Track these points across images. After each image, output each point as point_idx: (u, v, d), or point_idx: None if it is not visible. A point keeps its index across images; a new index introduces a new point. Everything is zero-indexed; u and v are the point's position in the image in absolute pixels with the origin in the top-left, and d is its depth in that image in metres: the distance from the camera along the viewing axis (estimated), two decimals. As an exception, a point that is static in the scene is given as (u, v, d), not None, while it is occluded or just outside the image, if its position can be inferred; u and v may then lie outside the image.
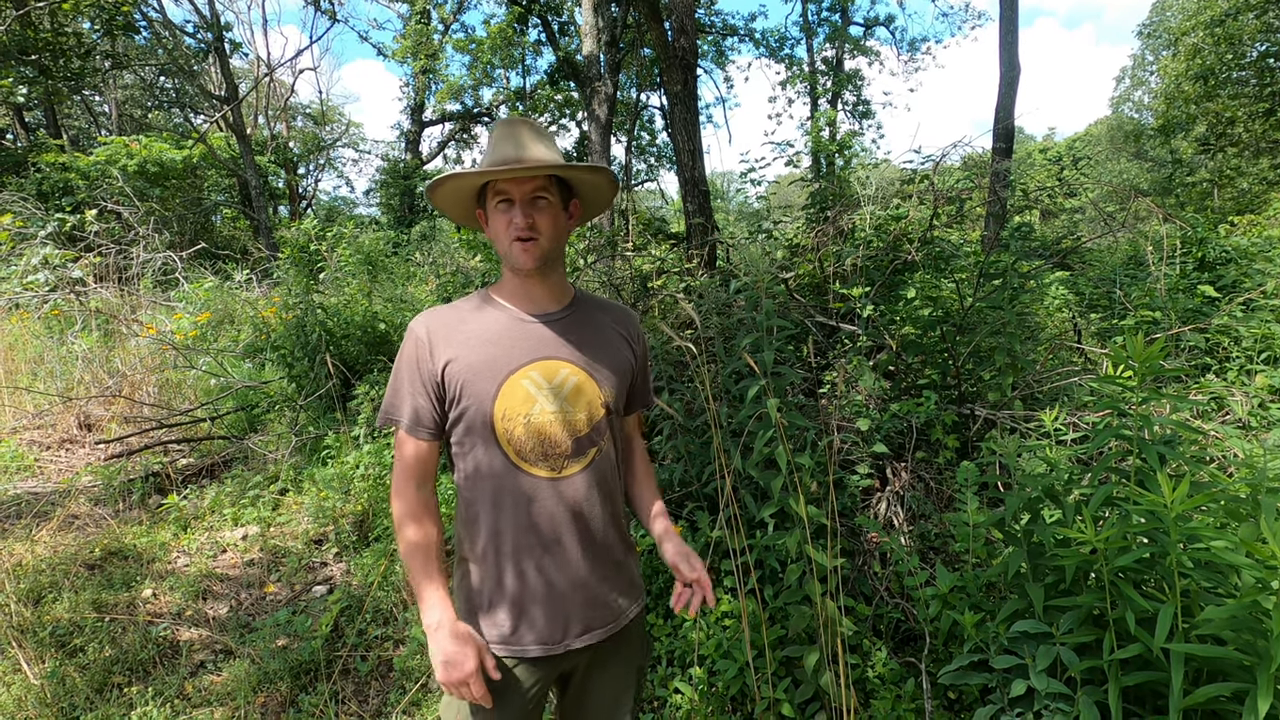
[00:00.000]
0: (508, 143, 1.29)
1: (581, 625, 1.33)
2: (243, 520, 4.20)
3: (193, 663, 2.87)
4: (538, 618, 1.30)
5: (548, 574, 1.30)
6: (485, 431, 1.28)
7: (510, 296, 1.36)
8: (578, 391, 1.32)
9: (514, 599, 1.30)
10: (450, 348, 1.29)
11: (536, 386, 1.29)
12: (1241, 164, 16.46)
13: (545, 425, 1.29)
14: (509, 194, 1.28)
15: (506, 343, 1.30)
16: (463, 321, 1.33)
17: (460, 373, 1.27)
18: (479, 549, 1.31)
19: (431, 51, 17.61)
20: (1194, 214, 6.85)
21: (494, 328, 1.32)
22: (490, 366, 1.28)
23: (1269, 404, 2.90)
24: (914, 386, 3.54)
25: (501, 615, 1.30)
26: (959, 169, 5.22)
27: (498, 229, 1.31)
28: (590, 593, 1.33)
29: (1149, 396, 1.54)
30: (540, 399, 1.29)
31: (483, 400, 1.27)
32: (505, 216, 1.29)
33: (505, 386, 1.28)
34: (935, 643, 2.25)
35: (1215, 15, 14.45)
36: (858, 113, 16.86)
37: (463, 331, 1.31)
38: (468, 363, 1.28)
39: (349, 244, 8.12)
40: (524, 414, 1.28)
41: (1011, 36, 8.54)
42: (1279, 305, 3.50)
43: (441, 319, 1.33)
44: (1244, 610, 1.25)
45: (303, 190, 24.85)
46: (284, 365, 5.40)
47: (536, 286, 1.36)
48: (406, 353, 1.31)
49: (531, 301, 1.36)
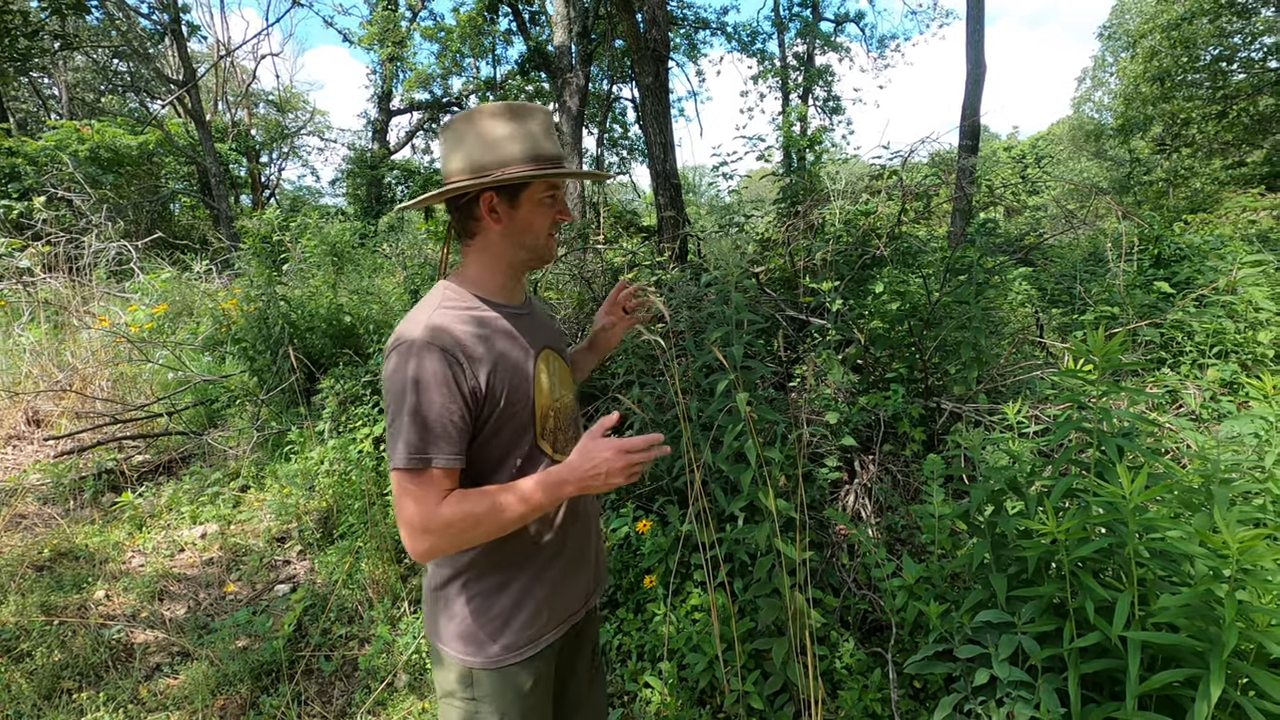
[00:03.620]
0: (552, 136, 1.28)
1: (589, 589, 1.44)
2: (202, 518, 4.09)
3: (148, 666, 2.78)
4: (575, 584, 1.38)
5: (579, 550, 1.38)
6: (528, 430, 1.27)
7: (498, 291, 1.31)
8: (565, 374, 1.41)
9: (559, 578, 1.33)
10: (483, 356, 1.19)
11: (550, 376, 1.33)
12: (1195, 164, 17.00)
13: (561, 411, 1.35)
14: (558, 190, 1.28)
15: (519, 338, 1.29)
16: (477, 325, 1.23)
17: (501, 379, 1.21)
18: (526, 555, 1.29)
19: (399, 39, 17.28)
20: (1150, 212, 7.06)
21: (503, 325, 1.28)
22: (518, 366, 1.26)
23: (1220, 396, 3.00)
24: (881, 380, 3.58)
25: (546, 601, 1.31)
26: (926, 165, 5.28)
27: (540, 222, 1.27)
28: (598, 558, 1.48)
29: (1109, 390, 1.57)
30: (553, 388, 1.33)
31: (523, 402, 1.25)
32: (551, 211, 1.28)
33: (536, 382, 1.29)
34: (901, 633, 2.28)
35: (1171, 19, 14.86)
36: (828, 108, 16.98)
37: (483, 335, 1.22)
38: (504, 367, 1.22)
39: (314, 234, 7.93)
40: (552, 405, 1.32)
41: (978, 35, 8.67)
42: (1230, 301, 3.61)
43: (459, 327, 1.19)
44: (1198, 598, 1.28)
45: (266, 179, 24.20)
46: (245, 359, 5.25)
47: (522, 279, 1.37)
48: (433, 375, 1.12)
49: (515, 295, 1.35)
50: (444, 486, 1.13)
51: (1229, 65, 15.01)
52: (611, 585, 2.85)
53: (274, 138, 24.64)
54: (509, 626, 1.26)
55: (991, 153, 25.95)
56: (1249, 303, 3.53)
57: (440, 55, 18.48)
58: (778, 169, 6.07)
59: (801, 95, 16.69)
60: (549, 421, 1.30)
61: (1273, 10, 14.87)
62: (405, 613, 3.00)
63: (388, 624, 2.90)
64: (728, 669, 2.23)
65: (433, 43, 18.22)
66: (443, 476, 1.13)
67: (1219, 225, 8.78)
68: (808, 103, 16.65)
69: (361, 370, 4.84)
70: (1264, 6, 14.59)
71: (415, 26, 18.14)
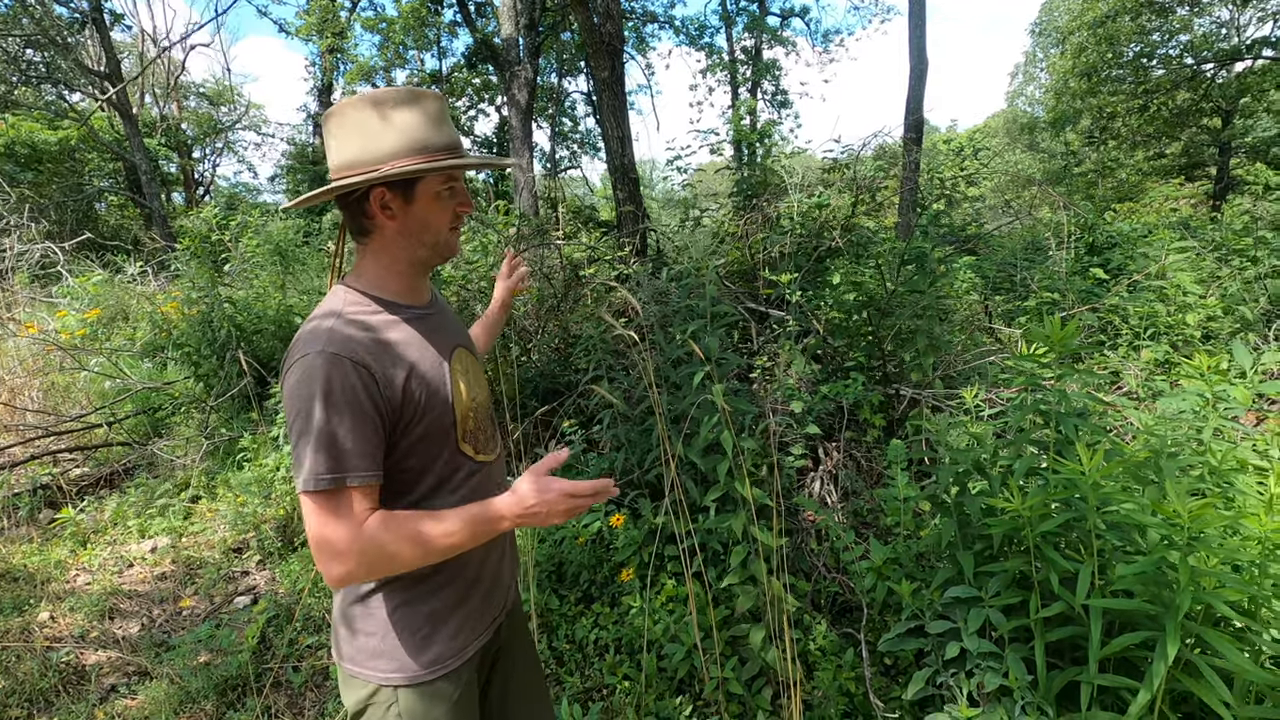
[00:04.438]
0: (445, 123, 1.19)
1: (508, 592, 1.38)
2: (151, 531, 3.92)
3: (102, 687, 2.66)
4: (492, 596, 1.30)
5: (485, 561, 1.29)
6: (449, 438, 1.20)
7: (400, 292, 1.22)
8: (478, 372, 1.35)
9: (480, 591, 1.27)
10: (397, 365, 1.11)
11: (466, 376, 1.26)
12: (1120, 156, 17.90)
13: (477, 413, 1.28)
14: (457, 182, 1.20)
15: (428, 341, 1.21)
16: (382, 331, 1.15)
17: (418, 388, 1.14)
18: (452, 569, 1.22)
19: (339, 29, 16.73)
20: (1083, 201, 7.42)
21: (410, 330, 1.19)
22: (431, 371, 1.18)
23: (1155, 376, 3.18)
24: (841, 369, 3.68)
25: (469, 614, 1.24)
26: (873, 159, 5.43)
27: (437, 217, 1.18)
28: (508, 569, 1.39)
29: (1064, 373, 1.66)
30: (471, 388, 1.27)
31: (442, 409, 1.18)
32: (451, 204, 1.19)
33: (452, 385, 1.21)
34: (872, 613, 2.36)
35: (1097, 16, 15.58)
36: (776, 102, 17.23)
37: (394, 342, 1.15)
38: (419, 375, 1.14)
39: (255, 233, 7.64)
40: (471, 406, 1.25)
41: (920, 30, 8.90)
42: (1161, 285, 3.84)
43: (366, 335, 1.11)
44: (1152, 566, 1.37)
45: (199, 176, 23.18)
46: (189, 364, 5.04)
47: (426, 276, 1.28)
48: (344, 387, 1.03)
49: (418, 293, 1.26)
50: (363, 507, 1.05)
51: (1149, 61, 15.83)
52: (586, 580, 2.85)
53: (207, 132, 23.60)
54: (435, 639, 1.19)
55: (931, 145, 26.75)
56: (1178, 287, 3.75)
57: (382, 47, 18.00)
58: (730, 162, 6.15)
59: (750, 89, 16.87)
60: (469, 423, 1.24)
61: (1187, 9, 15.75)
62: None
63: (358, 631, 2.84)
64: (706, 657, 2.27)
65: (374, 34, 17.73)
66: (361, 496, 1.04)
67: (1144, 214, 9.30)
68: (756, 96, 16.86)
69: (316, 373, 4.71)
70: (1179, 6, 15.44)
71: (355, 17, 17.60)
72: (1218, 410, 1.88)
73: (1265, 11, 15.92)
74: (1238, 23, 16.63)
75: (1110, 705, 1.52)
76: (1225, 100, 15.84)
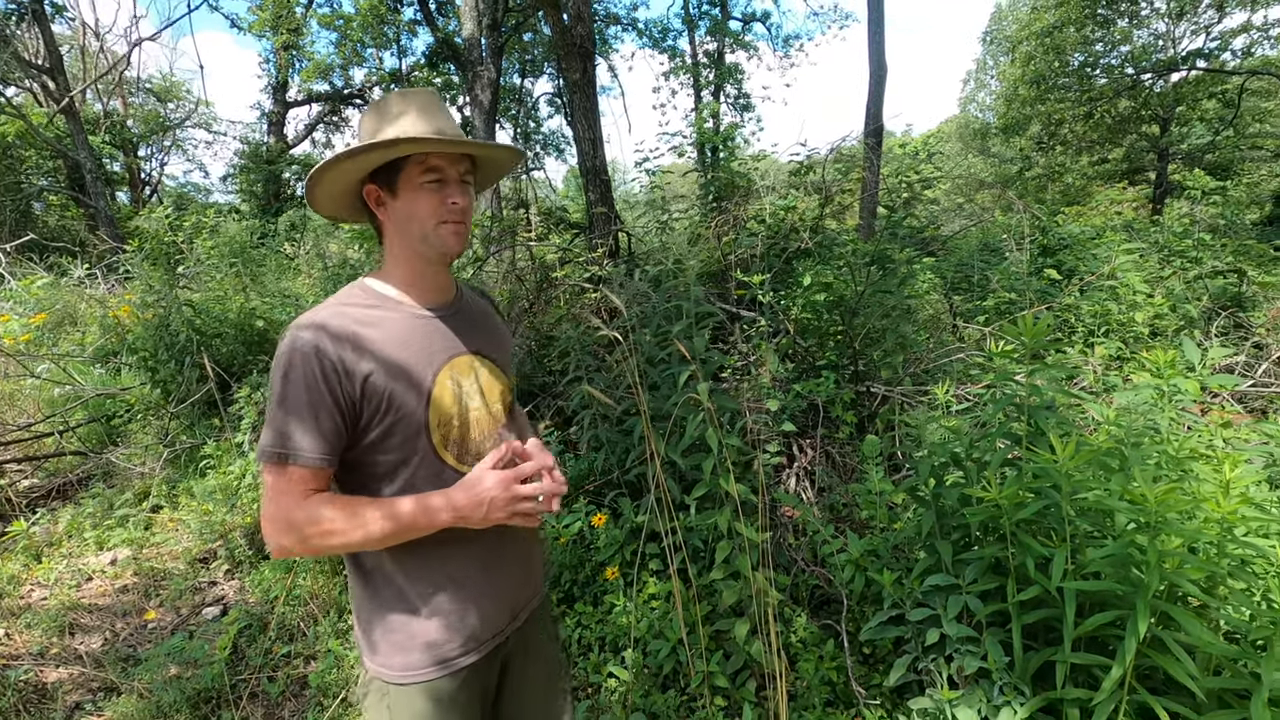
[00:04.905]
0: (436, 113, 1.19)
1: (517, 605, 1.32)
2: (110, 543, 3.78)
3: (66, 705, 2.56)
4: (487, 608, 1.26)
5: (488, 566, 1.26)
6: (420, 441, 1.18)
7: (408, 289, 1.24)
8: (490, 382, 1.30)
9: (467, 601, 1.23)
10: (363, 359, 1.12)
11: (459, 385, 1.23)
12: (1067, 161, 18.64)
13: (476, 423, 1.25)
14: (443, 172, 1.17)
15: (420, 343, 1.20)
16: (364, 325, 1.15)
17: (383, 385, 1.13)
18: (422, 571, 1.20)
19: (294, 26, 16.35)
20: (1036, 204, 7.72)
21: (400, 328, 1.19)
22: (413, 372, 1.17)
23: (1109, 371, 3.34)
24: (813, 368, 3.76)
25: (451, 625, 1.21)
26: (835, 164, 5.55)
27: (422, 209, 1.17)
28: (521, 573, 1.33)
29: (1036, 369, 1.74)
30: (466, 397, 1.24)
31: (414, 410, 1.17)
32: (437, 196, 1.17)
33: (435, 391, 1.19)
34: (851, 604, 2.42)
35: (1044, 26, 16.20)
36: (739, 105, 17.43)
37: (370, 338, 1.15)
38: (389, 373, 1.14)
39: (211, 234, 7.40)
40: (457, 416, 1.22)
41: (878, 37, 9.15)
42: (1112, 285, 4.03)
43: (338, 326, 1.13)
44: (1122, 549, 1.45)
45: (146, 175, 22.31)
46: (146, 370, 4.87)
47: (439, 275, 1.27)
48: (302, 372, 1.08)
49: (429, 293, 1.25)
50: (306, 486, 1.09)
51: (1093, 71, 16.53)
52: (568, 581, 2.86)
53: (154, 129, 22.75)
54: (412, 644, 1.19)
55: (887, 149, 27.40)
56: (1128, 287, 3.94)
57: (340, 44, 17.62)
58: (694, 165, 6.22)
59: (713, 92, 17.04)
60: (450, 432, 1.21)
61: (1127, 22, 16.49)
62: (353, 625, 2.90)
63: (336, 638, 2.79)
64: (691, 652, 2.31)
65: (331, 31, 17.35)
66: (305, 475, 1.09)
67: (1091, 216, 9.72)
68: (719, 99, 17.03)
69: (282, 377, 4.60)
70: (1120, 18, 16.16)
71: (312, 13, 17.21)
72: (1172, 402, 1.99)
73: (1198, 25, 16.78)
74: (1173, 35, 17.48)
75: (1082, 682, 1.60)
76: (1163, 108, 16.64)
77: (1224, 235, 5.77)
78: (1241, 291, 4.58)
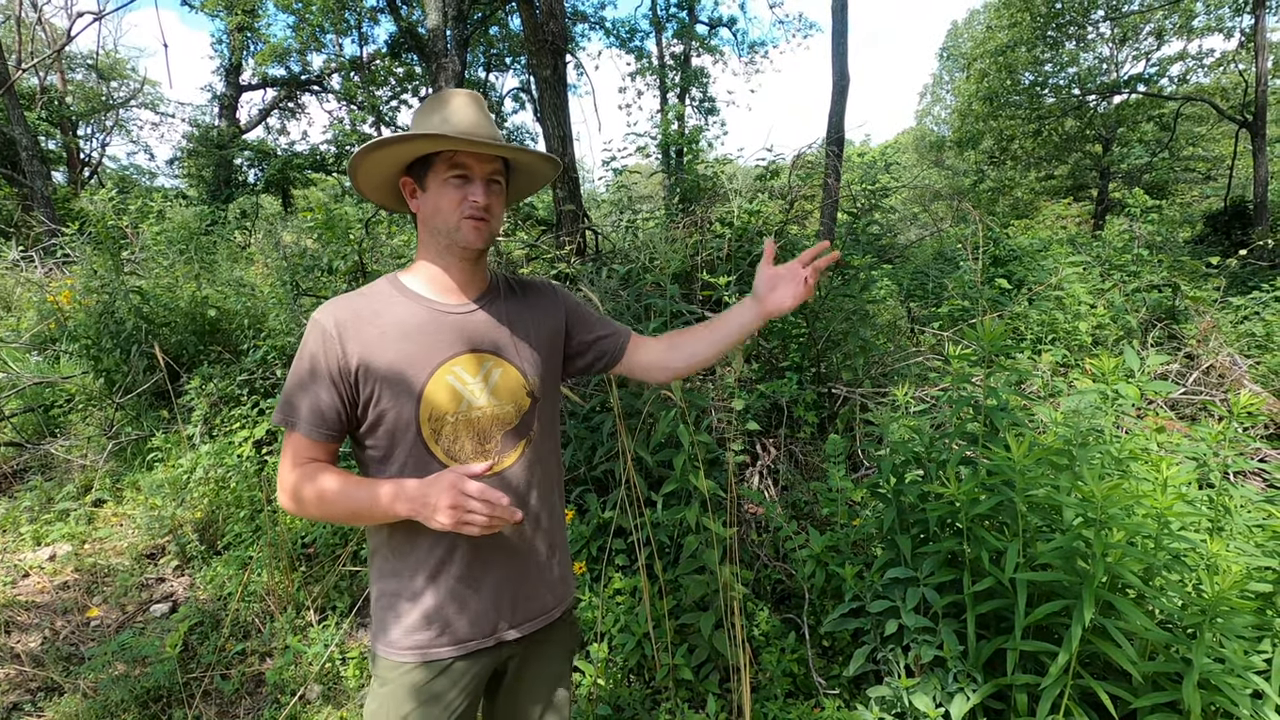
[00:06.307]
0: (469, 113, 1.22)
1: (515, 616, 1.30)
2: (48, 538, 3.62)
3: (3, 706, 2.45)
4: (472, 610, 1.25)
5: (484, 568, 1.25)
6: (410, 435, 1.19)
7: (429, 284, 1.26)
8: (504, 382, 1.27)
9: (447, 596, 1.23)
10: (363, 344, 1.17)
11: (462, 382, 1.22)
12: (1016, 175, 19.38)
13: (476, 422, 1.23)
14: (469, 170, 1.20)
15: (425, 337, 1.21)
16: (376, 314, 1.20)
17: (377, 373, 1.17)
18: (406, 554, 1.23)
19: (249, 7, 15.82)
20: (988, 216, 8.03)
21: (410, 321, 1.21)
22: (411, 365, 1.19)
23: (1055, 376, 3.51)
24: (777, 368, 3.84)
25: (430, 616, 1.22)
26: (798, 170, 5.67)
27: (445, 204, 1.21)
28: (525, 584, 1.30)
29: (993, 371, 1.83)
30: (468, 395, 1.23)
31: (405, 403, 1.18)
32: (460, 192, 1.20)
33: (430, 385, 1.19)
34: (812, 597, 2.49)
35: (998, 45, 16.82)
36: (704, 109, 17.58)
37: (376, 325, 1.19)
38: (385, 361, 1.17)
39: (159, 219, 7.12)
40: (452, 413, 1.21)
41: (842, 47, 9.32)
42: (1058, 295, 4.22)
43: (351, 310, 1.19)
44: (1070, 541, 1.54)
45: (85, 155, 21.28)
46: (88, 358, 4.66)
47: (465, 271, 1.28)
48: (310, 347, 1.18)
49: (453, 289, 1.27)
50: (305, 454, 1.19)
51: (1042, 90, 17.22)
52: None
53: (95, 108, 21.72)
54: (397, 624, 1.24)
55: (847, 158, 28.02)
56: (1073, 297, 4.14)
57: (297, 28, 17.14)
58: (659, 166, 6.27)
59: (679, 95, 17.14)
60: (442, 427, 1.21)
61: (1074, 44, 17.24)
62: (311, 622, 2.85)
63: (295, 634, 2.74)
64: (657, 645, 2.34)
65: (288, 14, 16.85)
66: (304, 444, 1.19)
67: (1039, 230, 10.15)
68: (685, 102, 17.14)
69: (236, 369, 4.46)
70: (1068, 40, 16.87)
71: (269, -5, 16.66)
72: (1114, 406, 2.11)
73: (1139, 51, 17.66)
74: (1116, 60, 18.36)
75: (1031, 669, 1.69)
76: (1106, 129, 17.45)
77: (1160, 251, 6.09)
78: (1175, 305, 4.86)
